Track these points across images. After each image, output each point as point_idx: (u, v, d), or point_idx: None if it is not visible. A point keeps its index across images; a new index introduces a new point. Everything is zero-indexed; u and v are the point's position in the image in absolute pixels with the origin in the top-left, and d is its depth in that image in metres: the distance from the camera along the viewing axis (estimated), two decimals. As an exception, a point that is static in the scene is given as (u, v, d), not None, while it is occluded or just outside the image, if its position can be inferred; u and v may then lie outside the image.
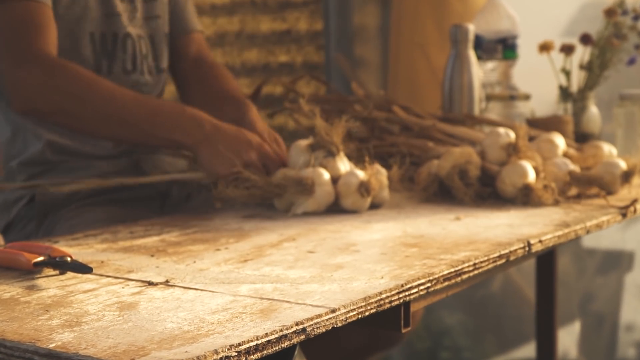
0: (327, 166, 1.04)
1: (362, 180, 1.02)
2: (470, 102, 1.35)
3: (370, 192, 1.02)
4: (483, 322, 2.23)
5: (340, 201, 1.03)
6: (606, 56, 1.39)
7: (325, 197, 1.02)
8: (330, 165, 1.04)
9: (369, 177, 1.02)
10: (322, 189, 1.01)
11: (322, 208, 1.02)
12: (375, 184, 1.03)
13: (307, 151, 1.05)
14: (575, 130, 1.38)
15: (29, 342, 0.57)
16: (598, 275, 2.21)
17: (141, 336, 0.58)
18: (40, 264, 0.76)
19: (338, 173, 1.04)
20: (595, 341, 2.18)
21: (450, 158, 1.09)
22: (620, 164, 1.14)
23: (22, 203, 1.17)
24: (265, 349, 0.58)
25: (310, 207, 1.01)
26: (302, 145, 1.06)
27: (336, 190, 1.03)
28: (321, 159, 1.04)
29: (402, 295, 0.71)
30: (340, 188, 1.03)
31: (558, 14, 1.98)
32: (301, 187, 1.00)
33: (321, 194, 1.01)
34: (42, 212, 1.15)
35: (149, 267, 0.78)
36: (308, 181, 1.00)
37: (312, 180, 1.01)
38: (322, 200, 1.02)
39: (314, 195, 1.01)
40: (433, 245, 0.85)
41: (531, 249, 0.87)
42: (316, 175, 1.01)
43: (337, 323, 0.64)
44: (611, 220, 1.02)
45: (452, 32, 1.34)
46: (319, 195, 1.01)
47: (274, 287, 0.70)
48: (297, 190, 1.00)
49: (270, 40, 2.10)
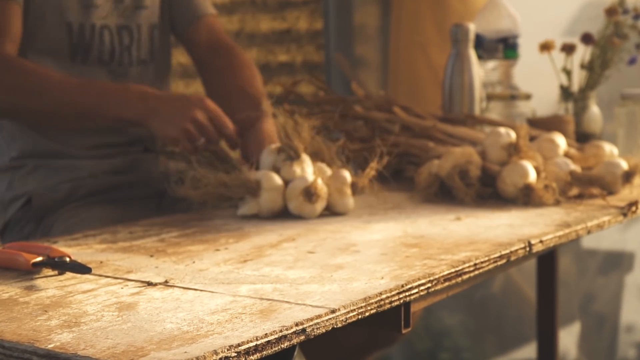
0: (289, 170, 1.00)
1: (307, 185, 0.98)
2: (471, 102, 1.35)
3: (313, 198, 0.97)
4: (483, 323, 2.22)
5: (287, 205, 1.00)
6: (607, 55, 1.39)
7: (269, 203, 0.99)
8: (286, 169, 1.01)
9: (314, 181, 0.98)
10: (267, 194, 0.98)
11: (264, 213, 0.99)
12: (322, 190, 0.98)
13: (275, 154, 1.03)
14: (576, 130, 1.37)
15: (28, 343, 0.57)
16: (599, 275, 2.20)
17: (140, 337, 0.58)
18: (39, 264, 0.76)
19: (294, 177, 1.01)
20: (596, 342, 2.17)
21: (451, 158, 1.08)
22: (621, 164, 1.13)
23: (19, 204, 1.17)
24: (265, 349, 0.58)
25: (251, 210, 0.99)
26: (271, 148, 1.04)
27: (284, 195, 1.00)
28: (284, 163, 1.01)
29: (402, 296, 0.71)
30: (287, 191, 1.00)
31: (559, 13, 1.98)
32: (245, 189, 0.98)
33: (265, 199, 0.98)
34: (40, 214, 1.15)
35: (148, 268, 0.78)
36: (252, 184, 0.98)
37: (257, 183, 0.98)
38: (265, 205, 0.99)
39: (258, 200, 0.98)
40: (433, 246, 0.85)
41: (532, 249, 0.87)
42: (265, 179, 0.99)
43: (337, 323, 0.64)
44: (612, 220, 1.01)
45: (453, 32, 1.34)
46: (263, 199, 0.98)
47: (274, 288, 0.70)
48: (244, 192, 0.98)
49: (270, 40, 2.10)
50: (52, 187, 1.16)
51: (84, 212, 1.13)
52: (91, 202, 1.15)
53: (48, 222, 1.14)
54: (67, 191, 1.16)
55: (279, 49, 2.09)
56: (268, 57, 2.10)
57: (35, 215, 1.15)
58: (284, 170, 1.01)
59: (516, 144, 1.09)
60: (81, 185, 1.16)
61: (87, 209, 1.13)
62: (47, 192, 1.15)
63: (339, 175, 1.02)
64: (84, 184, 1.16)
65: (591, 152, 1.18)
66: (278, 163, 1.02)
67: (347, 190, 1.02)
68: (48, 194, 1.15)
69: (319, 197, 0.98)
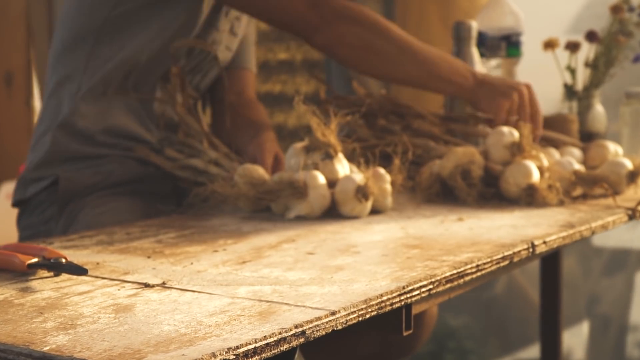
0: (324, 169, 1.00)
1: (359, 185, 0.98)
2: (474, 101, 1.33)
3: (368, 197, 0.98)
4: (487, 325, 2.22)
5: (338, 207, 0.99)
6: (612, 54, 1.38)
7: (320, 201, 0.98)
8: (328, 168, 1.01)
9: (366, 180, 0.98)
10: (316, 192, 0.97)
11: (316, 212, 0.99)
12: (374, 188, 0.99)
13: (302, 153, 1.02)
14: (581, 129, 1.36)
15: (23, 345, 0.56)
16: (605, 276, 2.19)
17: (137, 339, 0.57)
18: (35, 266, 0.75)
19: (336, 176, 1.00)
20: (602, 344, 2.16)
21: (453, 158, 1.07)
22: (626, 164, 1.12)
23: (43, 185, 1.15)
24: (264, 352, 0.57)
25: (303, 211, 0.98)
26: (297, 148, 1.03)
27: (334, 196, 0.99)
28: (318, 162, 1.01)
29: (403, 298, 0.70)
30: (337, 195, 0.99)
31: (563, 10, 1.97)
32: (293, 190, 0.97)
33: (315, 197, 0.98)
34: (65, 198, 1.13)
35: (145, 269, 0.77)
36: (300, 184, 0.97)
37: (304, 182, 0.97)
38: (316, 204, 0.98)
39: (308, 199, 0.97)
40: (435, 247, 0.84)
41: (535, 251, 0.86)
42: (309, 178, 0.98)
43: (337, 326, 0.63)
44: (617, 221, 1.00)
45: (455, 29, 1.33)
46: (312, 198, 0.97)
47: (273, 289, 0.69)
48: (290, 194, 0.97)
49: (269, 38, 2.09)
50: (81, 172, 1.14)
51: (111, 202, 1.11)
52: (118, 192, 1.14)
53: (74, 208, 1.12)
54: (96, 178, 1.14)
55: (279, 47, 2.08)
56: (267, 55, 2.09)
57: (60, 199, 1.13)
58: (325, 169, 1.00)
59: (519, 144, 1.08)
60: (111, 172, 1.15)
61: (114, 199, 1.12)
62: (75, 177, 1.13)
63: (380, 174, 1.02)
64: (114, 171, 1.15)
65: (596, 151, 1.17)
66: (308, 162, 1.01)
67: (388, 189, 1.02)
68: (76, 178, 1.13)
69: (371, 196, 0.98)
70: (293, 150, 1.04)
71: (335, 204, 1.00)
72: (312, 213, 0.99)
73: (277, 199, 0.99)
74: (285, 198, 0.98)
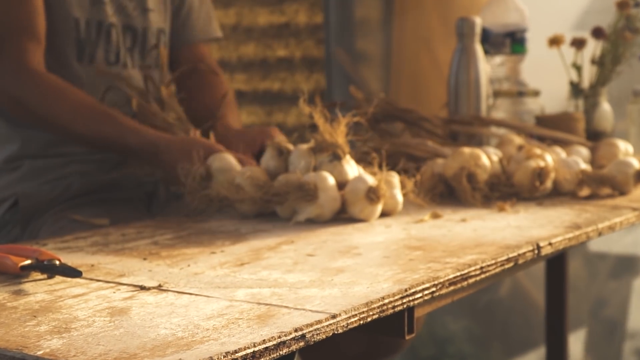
0: (333, 170, 0.98)
1: (370, 186, 0.95)
2: (477, 99, 1.32)
3: (380, 199, 0.95)
4: (489, 329, 2.20)
5: (348, 209, 0.97)
6: (619, 50, 1.36)
7: (330, 203, 0.95)
8: (337, 169, 0.98)
9: (378, 182, 0.96)
10: (326, 195, 0.95)
11: (327, 215, 0.96)
12: (385, 190, 0.96)
13: (308, 155, 1.00)
14: (587, 127, 1.35)
15: (16, 349, 0.56)
16: (610, 279, 2.18)
17: (133, 343, 0.56)
18: (28, 268, 0.74)
19: (345, 178, 0.98)
20: (606, 348, 2.15)
21: (459, 159, 1.06)
22: (633, 163, 1.11)
23: (5, 207, 1.16)
24: (263, 356, 0.56)
25: (313, 213, 0.96)
26: (303, 149, 1.01)
27: (343, 197, 0.97)
28: (326, 163, 0.99)
29: (405, 301, 0.69)
30: (347, 195, 0.96)
31: (568, 6, 1.96)
32: (303, 193, 0.95)
33: (326, 200, 0.95)
34: (26, 216, 1.14)
35: (141, 271, 0.77)
36: (310, 186, 0.95)
37: (314, 184, 0.95)
38: (327, 206, 0.95)
39: (318, 201, 0.95)
40: (438, 248, 0.83)
41: (540, 252, 0.85)
42: (319, 180, 0.96)
43: (337, 329, 0.62)
44: (624, 222, 0.99)
45: (458, 26, 1.31)
46: (323, 200, 0.95)
47: (272, 292, 0.68)
48: (299, 196, 0.95)
49: (268, 34, 2.08)
50: (39, 187, 1.14)
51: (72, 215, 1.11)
52: (80, 203, 1.14)
53: (35, 225, 1.13)
54: (55, 192, 1.14)
55: (278, 44, 2.07)
56: (266, 52, 2.08)
57: (22, 218, 1.14)
58: (335, 171, 0.98)
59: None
60: (70, 184, 1.15)
61: (75, 212, 1.12)
62: (34, 193, 1.14)
63: (389, 178, 1.00)
64: (73, 183, 1.15)
65: (605, 150, 1.16)
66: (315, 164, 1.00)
67: (398, 192, 1.00)
68: (35, 194, 1.13)
69: (382, 198, 0.96)
70: (298, 152, 1.01)
71: (344, 204, 0.97)
72: (322, 216, 0.96)
73: (285, 202, 0.97)
74: (293, 201, 0.96)
